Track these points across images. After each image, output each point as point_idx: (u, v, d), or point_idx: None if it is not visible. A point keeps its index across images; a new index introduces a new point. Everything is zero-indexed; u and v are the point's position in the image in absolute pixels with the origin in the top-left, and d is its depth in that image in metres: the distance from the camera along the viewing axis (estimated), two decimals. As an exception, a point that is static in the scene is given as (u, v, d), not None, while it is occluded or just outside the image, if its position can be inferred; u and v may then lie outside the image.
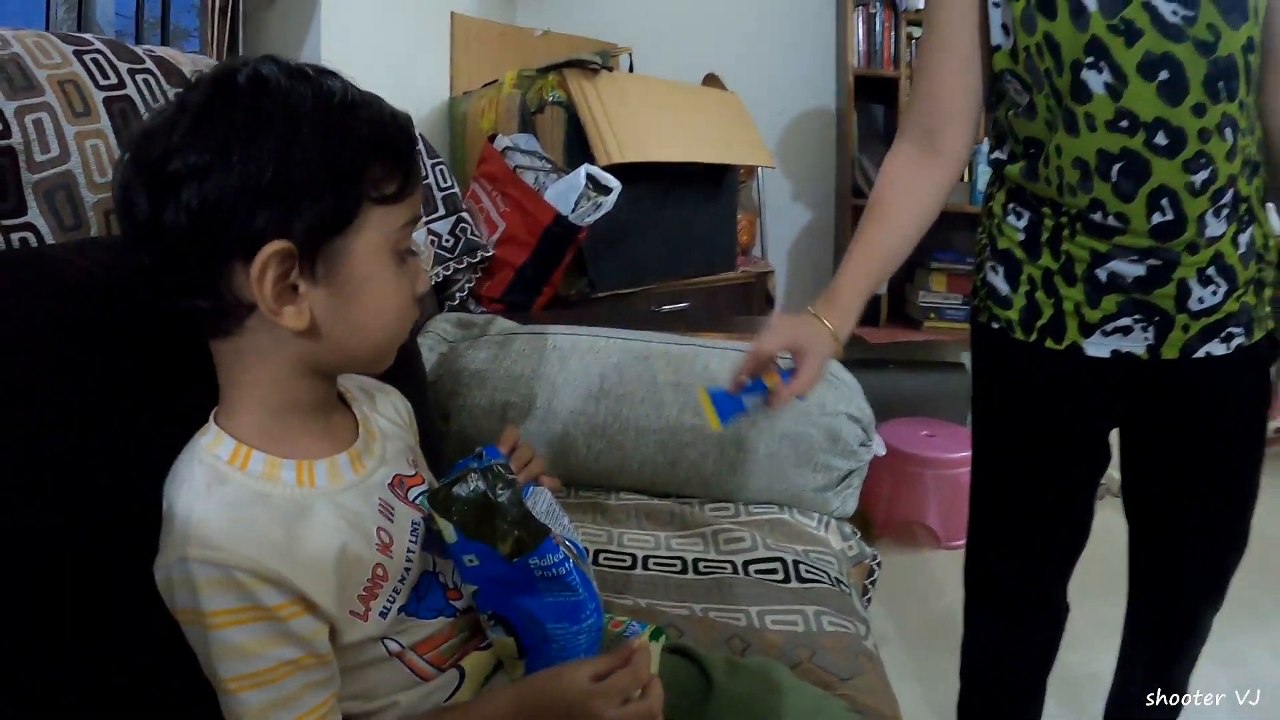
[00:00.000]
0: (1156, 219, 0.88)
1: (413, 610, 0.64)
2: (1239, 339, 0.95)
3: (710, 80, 2.53)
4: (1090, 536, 1.10)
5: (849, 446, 1.30)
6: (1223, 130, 0.85)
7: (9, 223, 0.72)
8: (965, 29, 0.93)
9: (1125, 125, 0.85)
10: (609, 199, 1.65)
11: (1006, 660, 1.19)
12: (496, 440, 0.74)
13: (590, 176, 1.64)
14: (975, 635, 1.20)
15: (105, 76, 0.84)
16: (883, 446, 1.42)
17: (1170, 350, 0.94)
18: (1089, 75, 0.85)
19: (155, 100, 0.86)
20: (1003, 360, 1.04)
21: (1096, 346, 0.96)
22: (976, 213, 1.08)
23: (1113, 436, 1.06)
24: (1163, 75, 0.83)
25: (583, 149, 1.75)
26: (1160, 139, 0.85)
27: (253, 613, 0.54)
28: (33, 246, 0.73)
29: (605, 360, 1.35)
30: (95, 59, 0.84)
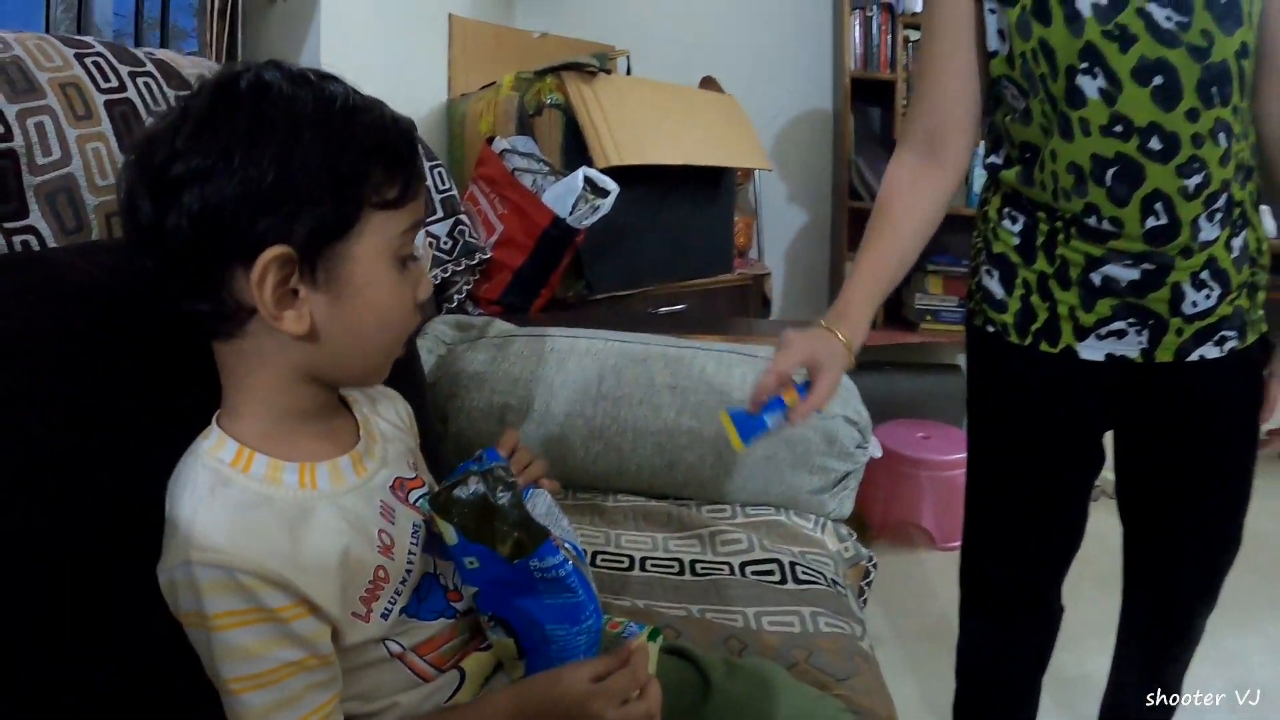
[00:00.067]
0: (1150, 223, 0.88)
1: (414, 612, 0.65)
2: (1232, 342, 0.95)
3: (707, 83, 2.53)
4: (1085, 538, 1.11)
5: (845, 448, 1.30)
6: (1216, 135, 0.86)
7: (11, 225, 0.72)
8: (963, 36, 0.94)
9: (1119, 130, 0.86)
10: (607, 201, 1.65)
11: (1002, 661, 1.19)
12: (496, 443, 0.75)
13: (588, 179, 1.64)
14: (970, 636, 1.21)
15: (106, 79, 0.84)
16: (879, 448, 1.42)
17: (1164, 353, 0.95)
18: (1084, 80, 0.86)
19: (156, 103, 0.86)
20: (998, 363, 1.05)
21: (1091, 350, 0.97)
22: (972, 215, 1.08)
23: (1107, 439, 1.07)
24: (1157, 80, 0.84)
25: (580, 151, 1.75)
26: (1154, 144, 0.85)
27: (256, 614, 0.55)
28: (34, 250, 0.73)
29: (603, 362, 1.35)
30: (96, 62, 0.84)
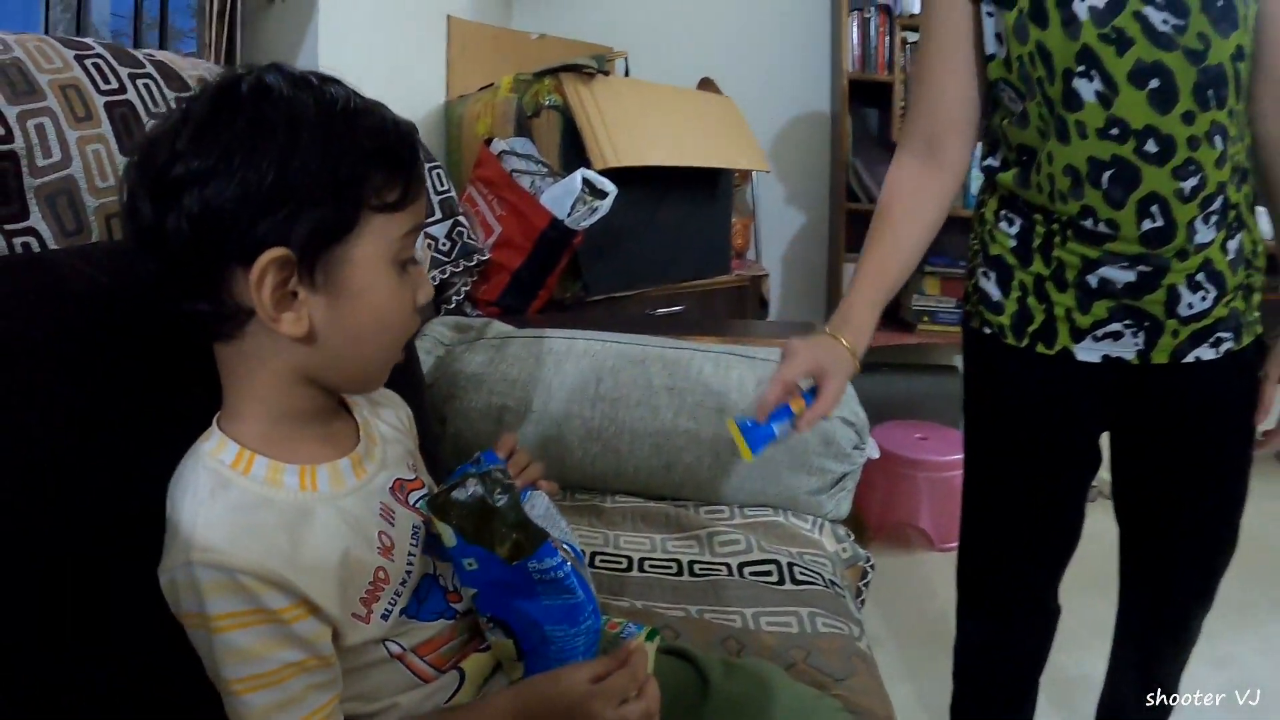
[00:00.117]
0: (1146, 226, 0.89)
1: (413, 612, 0.65)
2: (1228, 344, 0.96)
3: (705, 84, 2.54)
4: (1081, 539, 1.11)
5: (843, 450, 1.31)
6: (1212, 138, 0.86)
7: (11, 227, 0.72)
8: (961, 39, 0.94)
9: (1116, 133, 0.86)
10: (605, 203, 1.65)
11: (999, 662, 1.20)
12: (494, 445, 0.75)
13: (586, 180, 1.64)
14: (968, 637, 1.21)
15: (106, 81, 0.84)
16: (876, 449, 1.43)
17: (1160, 355, 0.95)
18: (1080, 84, 0.86)
19: (156, 105, 0.87)
20: (994, 365, 1.05)
21: (1087, 351, 0.97)
22: (969, 217, 1.09)
23: (1104, 440, 1.07)
24: (1153, 83, 0.84)
25: (578, 153, 1.75)
26: (1150, 146, 0.86)
27: (257, 616, 0.55)
28: (35, 252, 0.73)
29: (601, 364, 1.35)
30: (96, 63, 0.84)
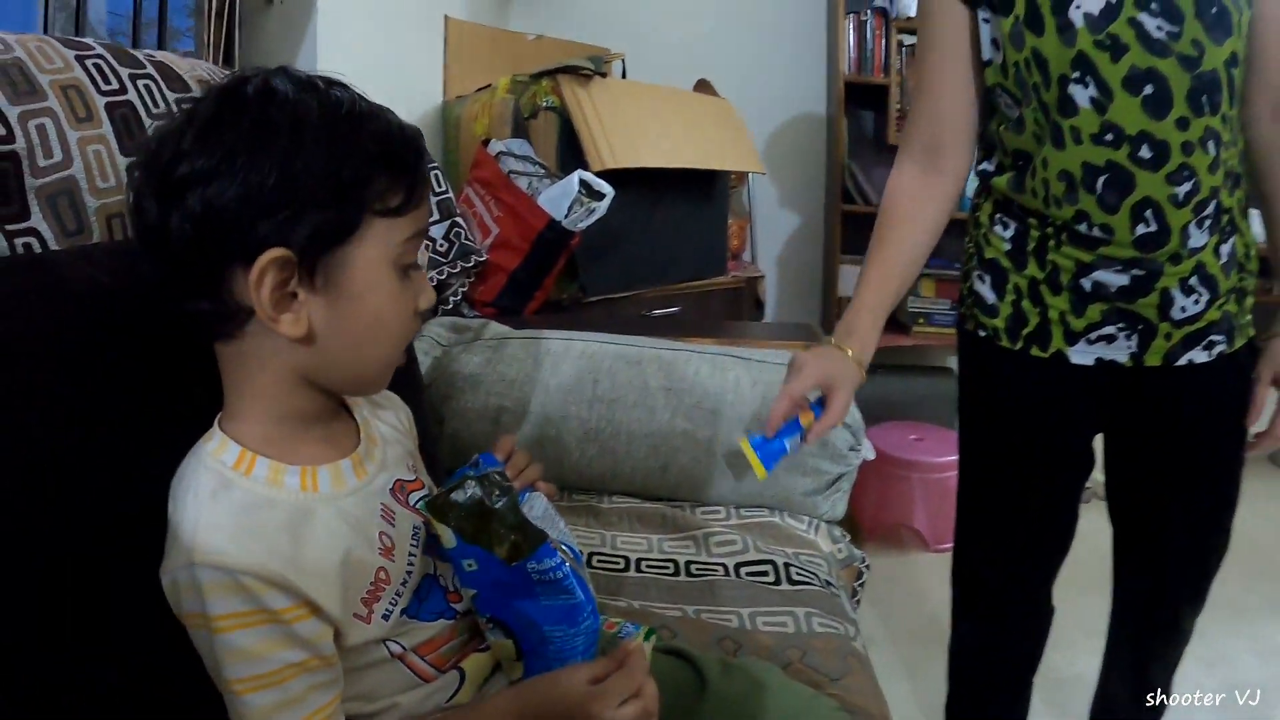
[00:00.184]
0: (1140, 230, 0.89)
1: (414, 612, 0.65)
2: (1220, 346, 0.96)
3: (702, 86, 2.54)
4: (1075, 539, 1.12)
5: (838, 451, 1.32)
6: (1205, 143, 0.87)
7: (13, 227, 0.72)
8: (959, 45, 0.95)
9: (1110, 139, 0.87)
10: (602, 205, 1.65)
11: (993, 662, 1.20)
12: (493, 447, 0.75)
13: (583, 182, 1.65)
14: (962, 637, 1.22)
15: (107, 81, 0.84)
16: (871, 451, 1.43)
17: (1153, 358, 0.96)
18: (1075, 90, 0.87)
19: (156, 106, 0.87)
20: (989, 367, 1.06)
21: (1081, 354, 0.98)
22: (964, 219, 1.10)
23: (1097, 442, 1.08)
24: (1147, 90, 0.85)
25: (575, 154, 1.76)
26: (1144, 152, 0.86)
27: (259, 616, 0.55)
28: (36, 252, 0.73)
29: (598, 365, 1.36)
30: (96, 64, 0.84)
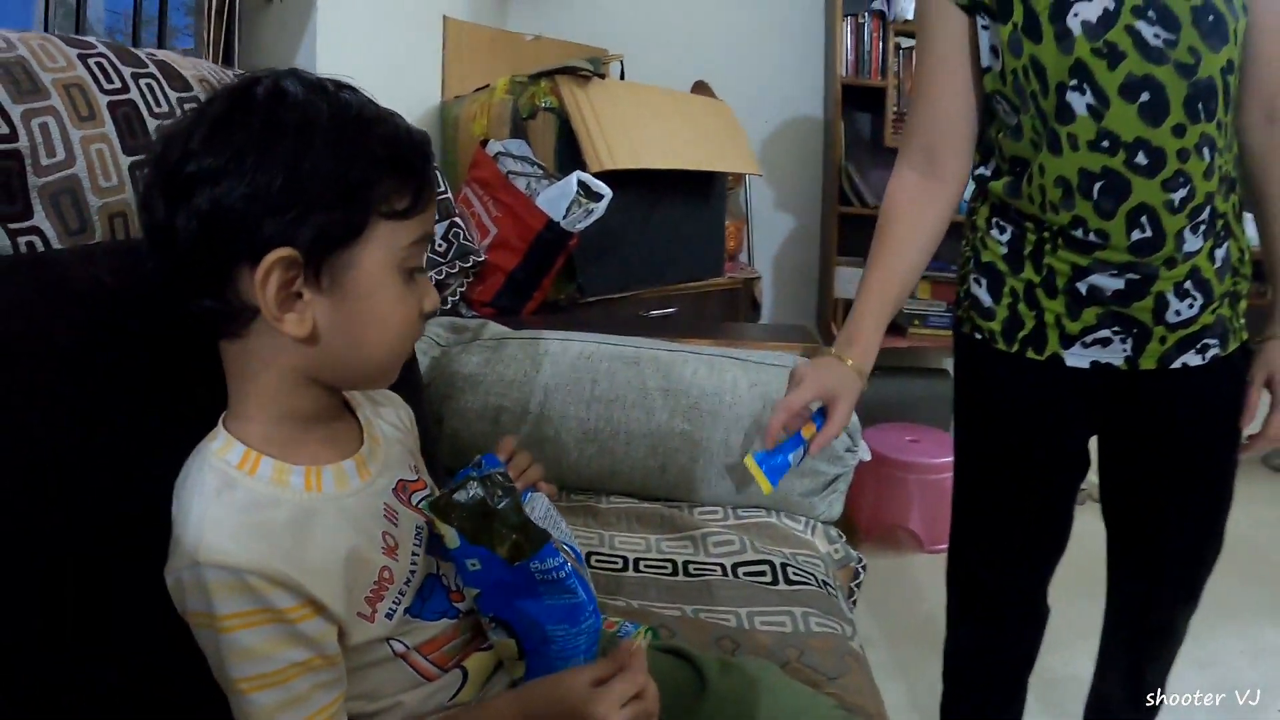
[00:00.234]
0: (1136, 236, 0.90)
1: (417, 612, 0.65)
2: (1214, 350, 0.97)
3: (700, 88, 2.55)
4: (1070, 541, 1.12)
5: (835, 452, 1.32)
6: (1201, 150, 0.88)
7: (16, 226, 0.72)
8: (958, 52, 0.95)
9: (1107, 145, 0.87)
10: (600, 205, 1.66)
11: (988, 662, 1.21)
12: (495, 447, 0.76)
13: (581, 183, 1.65)
14: (958, 638, 1.22)
15: (109, 80, 0.84)
16: (868, 452, 1.44)
17: (1148, 361, 0.97)
18: (1072, 97, 0.87)
19: (159, 105, 0.87)
20: (985, 370, 1.06)
21: (1076, 357, 0.99)
22: (961, 222, 1.11)
23: (1092, 444, 1.09)
24: (1144, 97, 0.85)
25: (574, 155, 1.76)
26: (1140, 159, 0.87)
27: (264, 615, 0.55)
28: (39, 251, 0.73)
29: (596, 365, 1.36)
30: (99, 62, 0.84)
